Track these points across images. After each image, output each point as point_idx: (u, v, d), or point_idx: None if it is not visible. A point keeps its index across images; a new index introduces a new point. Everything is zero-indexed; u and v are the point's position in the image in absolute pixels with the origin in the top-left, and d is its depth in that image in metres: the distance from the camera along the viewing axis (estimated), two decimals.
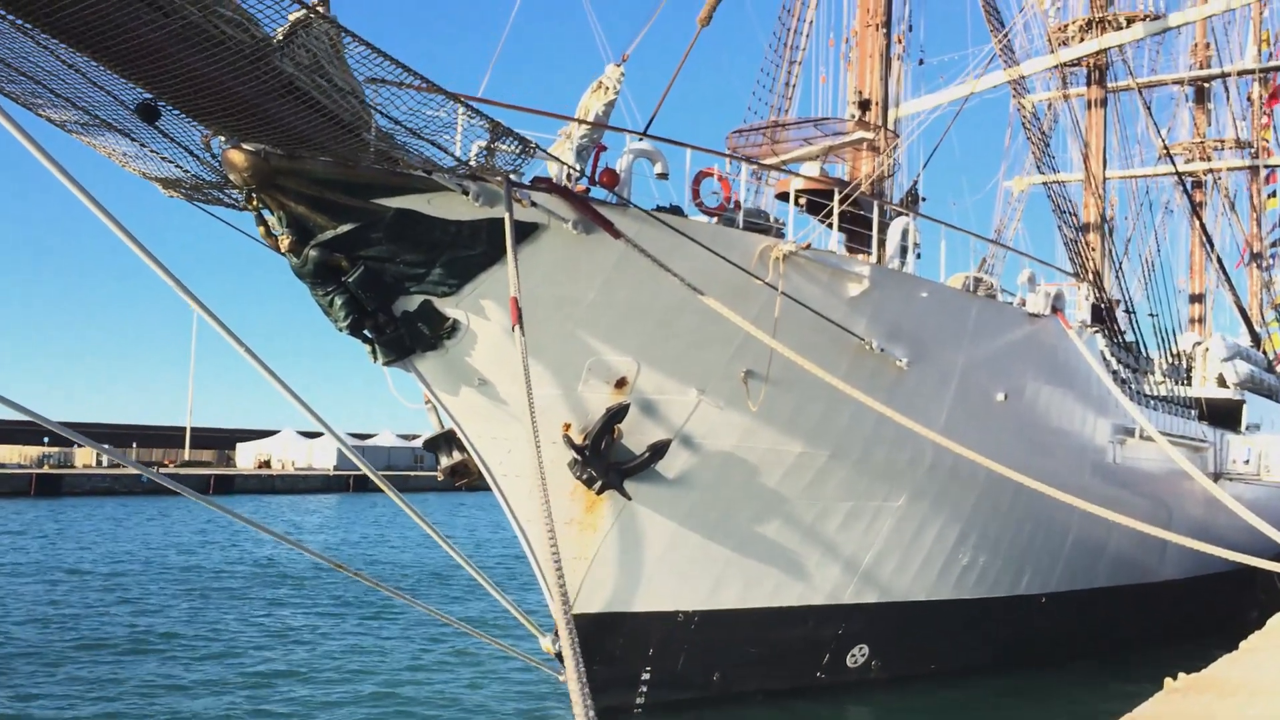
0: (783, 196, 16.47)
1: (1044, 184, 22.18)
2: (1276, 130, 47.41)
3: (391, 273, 10.69)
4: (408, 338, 11.19)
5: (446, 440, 12.83)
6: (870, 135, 17.68)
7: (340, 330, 10.73)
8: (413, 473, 78.03)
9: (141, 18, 7.53)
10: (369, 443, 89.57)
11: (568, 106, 12.74)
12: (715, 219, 12.48)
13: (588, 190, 11.59)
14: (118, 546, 35.23)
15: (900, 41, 20.94)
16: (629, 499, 12.76)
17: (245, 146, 9.45)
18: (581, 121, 12.18)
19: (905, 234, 14.20)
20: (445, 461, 13.06)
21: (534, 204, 10.60)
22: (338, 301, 10.51)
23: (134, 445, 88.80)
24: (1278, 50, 46.42)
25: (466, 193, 10.25)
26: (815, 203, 15.12)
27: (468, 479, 13.13)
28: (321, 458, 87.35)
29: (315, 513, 57.17)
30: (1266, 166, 45.52)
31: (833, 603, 14.94)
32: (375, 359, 11.24)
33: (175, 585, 26.30)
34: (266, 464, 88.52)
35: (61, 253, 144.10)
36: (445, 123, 9.13)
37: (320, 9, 9.81)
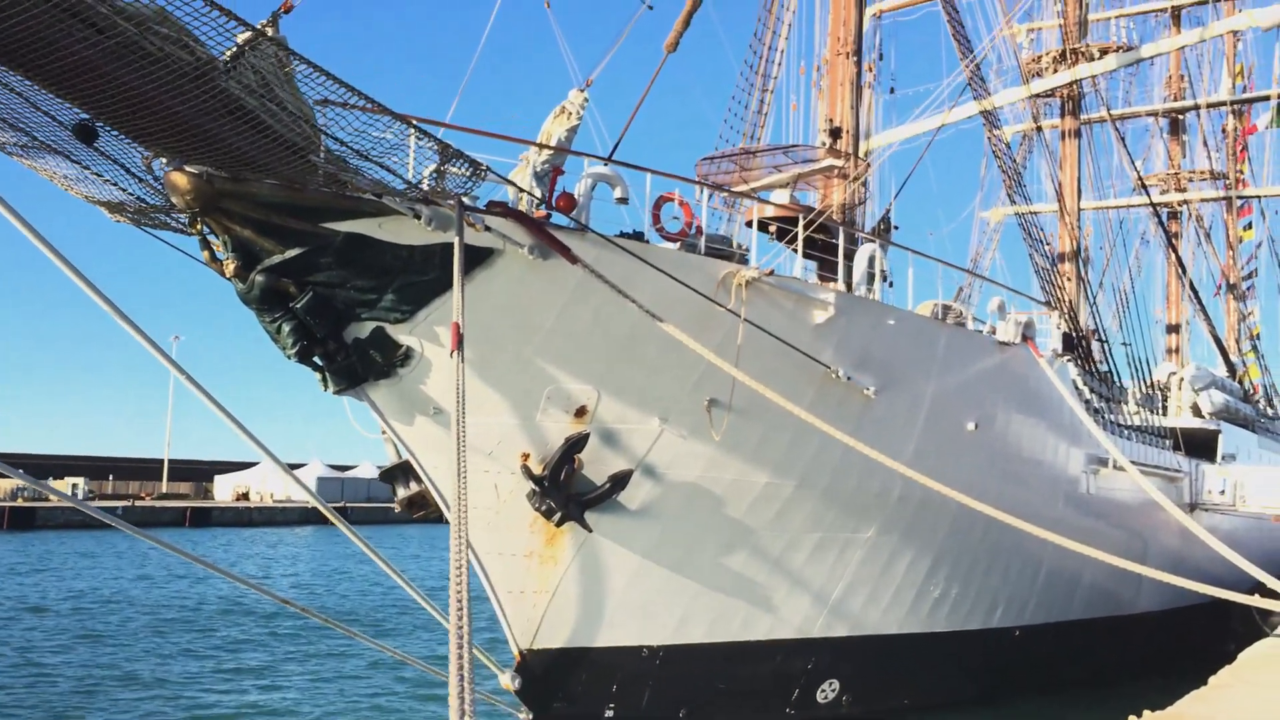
0: (751, 224, 16.30)
1: (1016, 214, 22.09)
2: (1252, 162, 47.77)
3: (342, 299, 10.43)
4: (359, 366, 10.92)
5: (403, 471, 12.55)
6: (840, 163, 17.56)
7: (289, 358, 10.46)
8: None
9: (75, 34, 7.31)
10: (349, 474, 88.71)
11: (536, 132, 12.59)
12: (677, 244, 12.27)
13: (548, 216, 11.38)
14: (81, 582, 34.59)
15: (871, 70, 20.89)
16: (590, 531, 12.47)
17: (188, 168, 9.22)
18: (543, 146, 12.02)
19: (872, 260, 14.02)
20: (402, 493, 12.77)
21: (488, 228, 10.37)
22: (285, 328, 10.25)
23: (110, 477, 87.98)
24: (1252, 83, 46.88)
25: (419, 216, 10.02)
26: (786, 230, 14.94)
27: (426, 511, 12.83)
28: (300, 490, 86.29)
29: (290, 545, 56.48)
30: (1241, 198, 45.76)
31: (802, 636, 14.64)
32: (326, 388, 10.96)
33: (133, 621, 25.73)
34: (245, 496, 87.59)
35: (36, 285, 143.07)
36: (393, 144, 8.91)
37: (268, 29, 9.63)
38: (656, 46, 17.81)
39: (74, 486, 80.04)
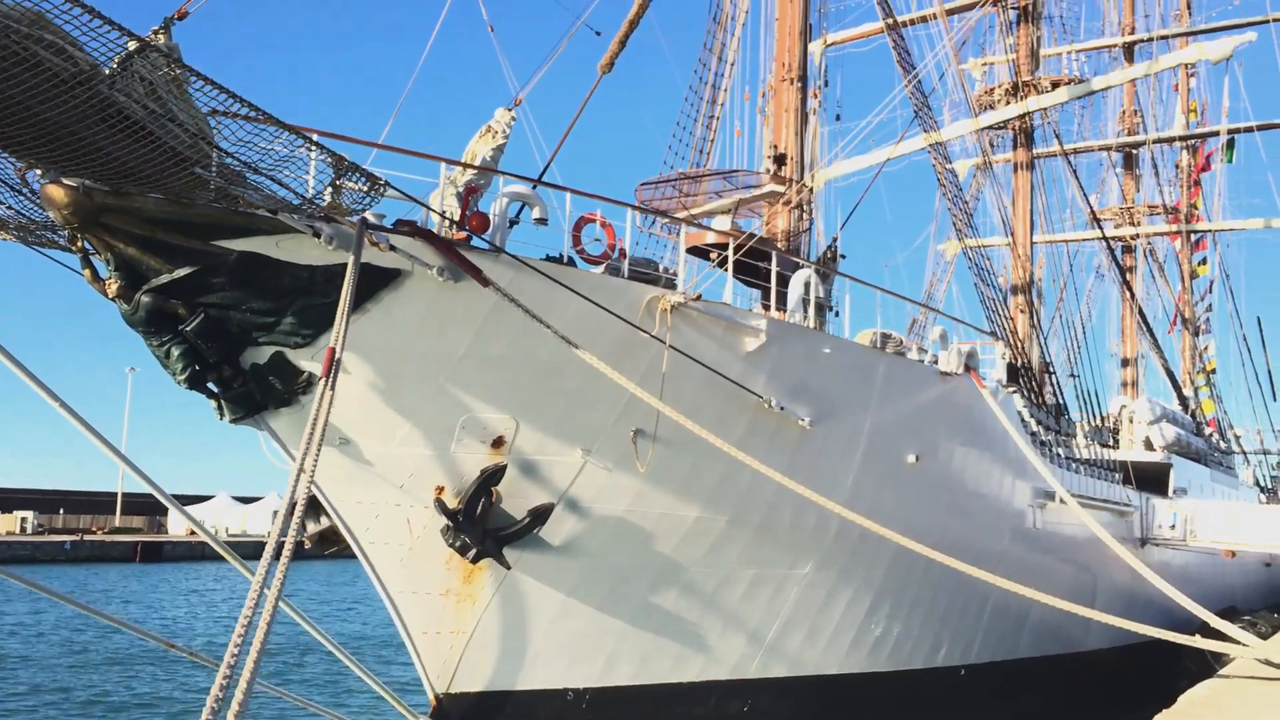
0: (693, 251, 15.88)
1: (964, 248, 21.84)
2: (1206, 198, 48.12)
3: (237, 321, 9.84)
4: (258, 393, 10.31)
5: (312, 505, 11.86)
6: (782, 189, 17.19)
7: (179, 384, 9.83)
8: None
9: None
10: (252, 506, 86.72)
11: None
12: (601, 268, 11.79)
13: (469, 238, 10.86)
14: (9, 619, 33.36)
15: (816, 97, 20.58)
16: (509, 568, 11.87)
17: (65, 181, 8.63)
18: (466, 165, 11.54)
19: (808, 287, 13.60)
20: (312, 528, 12.10)
21: (393, 248, 9.82)
22: (175, 352, 9.64)
23: (61, 511, 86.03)
24: (1205, 120, 47.29)
25: (318, 235, 9.47)
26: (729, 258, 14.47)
27: (338, 547, 12.19)
28: (256, 524, 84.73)
29: (234, 580, 55.12)
30: (1194, 233, 46.03)
31: (737, 677, 14.06)
32: (222, 416, 10.34)
33: (53, 660, 24.71)
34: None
35: None
36: (283, 156, 8.38)
37: (160, 36, 9.10)
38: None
39: (23, 520, 78.30)
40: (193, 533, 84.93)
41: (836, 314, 17.23)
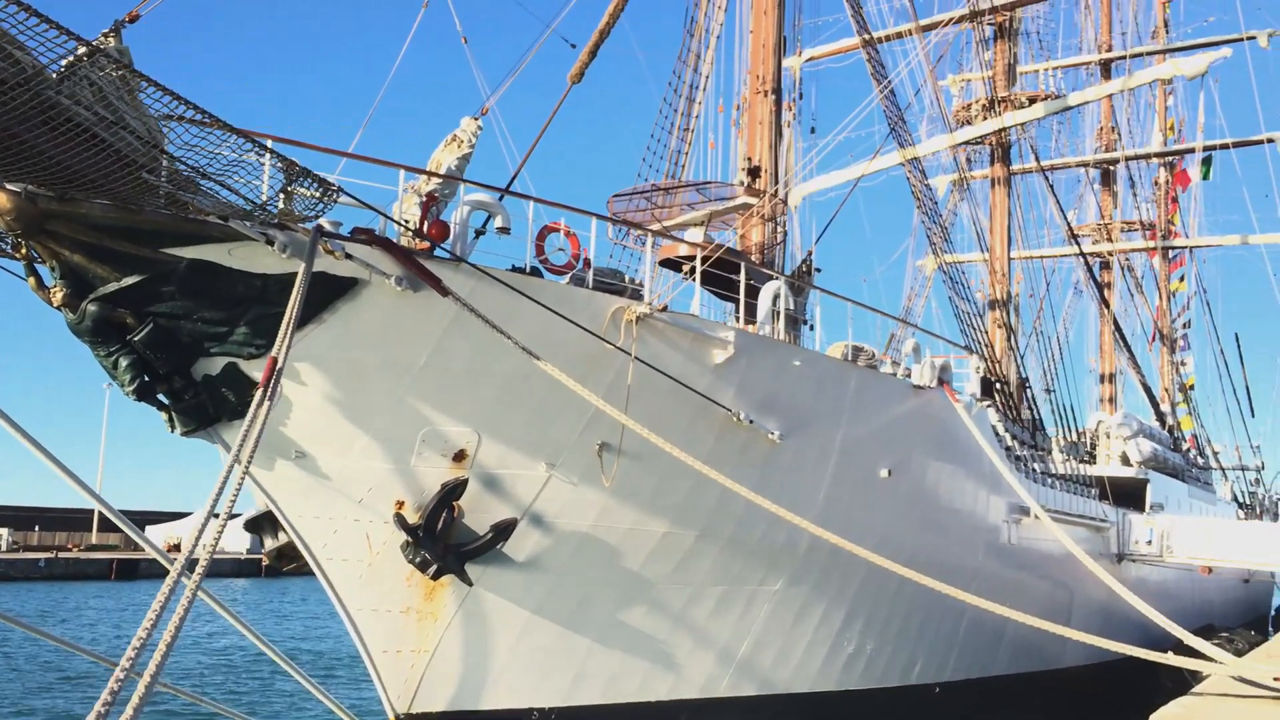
0: (667, 264, 15.71)
1: (940, 264, 21.75)
2: (1183, 214, 48.28)
3: (188, 331, 9.59)
4: (210, 405, 10.05)
5: (270, 520, 11.62)
6: (754, 200, 17.05)
7: (127, 395, 9.57)
8: None
9: None
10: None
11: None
12: (566, 278, 11.60)
13: (431, 248, 10.65)
14: None
15: (791, 109, 20.47)
16: (470, 584, 11.62)
17: (8, 186, 8.39)
18: (430, 174, 11.35)
19: (777, 298, 13.43)
20: (270, 544, 11.86)
21: (349, 256, 9.61)
22: (123, 363, 9.38)
23: (36, 528, 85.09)
24: (1182, 138, 47.52)
25: (272, 243, 9.25)
26: (702, 272, 14.28)
27: (298, 563, 11.90)
28: (235, 541, 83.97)
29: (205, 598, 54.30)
30: (1172, 249, 46.18)
31: (707, 696, 13.81)
32: (173, 429, 10.07)
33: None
34: (176, 547, 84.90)
35: None
36: (231, 161, 8.17)
37: (110, 39, 8.89)
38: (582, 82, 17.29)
39: None
40: (173, 548, 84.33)
41: (811, 327, 17.10)
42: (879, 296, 49.04)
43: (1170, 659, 12.59)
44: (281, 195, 8.63)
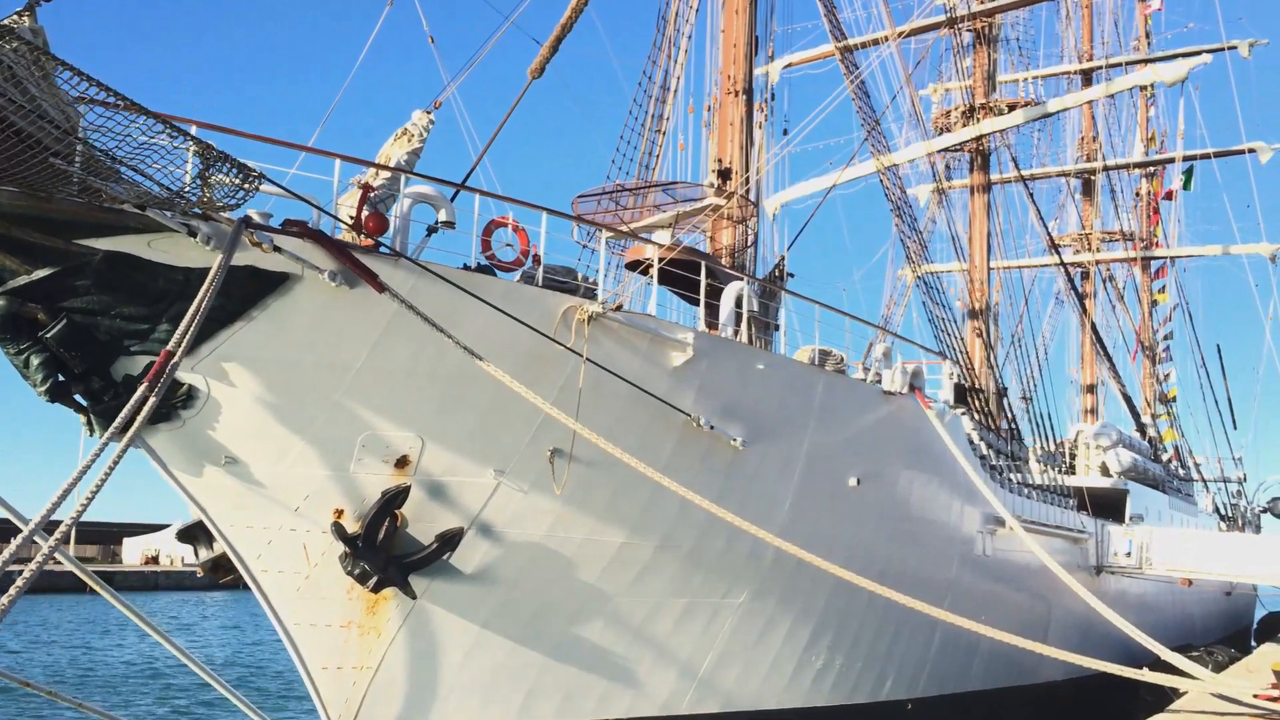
0: (632, 266, 15.21)
1: (916, 274, 21.32)
2: (1164, 224, 48.07)
3: (106, 328, 9.03)
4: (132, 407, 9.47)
5: (205, 530, 11.03)
6: (721, 201, 16.57)
7: (40, 396, 9.00)
8: None
9: None
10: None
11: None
12: (517, 275, 11.08)
13: (377, 245, 10.12)
14: None
15: (763, 110, 20.01)
16: (414, 597, 11.05)
17: None
18: (367, 164, 10.85)
19: (739, 300, 12.94)
20: (204, 555, 11.27)
21: (278, 249, 9.06)
22: (34, 361, 8.81)
23: (11, 540, 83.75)
24: (1164, 150, 47.29)
25: (194, 234, 8.71)
26: (670, 275, 13.77)
27: (234, 575, 11.32)
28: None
29: (183, 610, 53.62)
30: (1153, 259, 45.95)
31: (669, 714, 13.26)
32: (91, 432, 9.49)
33: None
34: (154, 560, 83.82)
35: None
36: (142, 144, 7.64)
37: (25, 19, 8.37)
38: (551, 81, 16.83)
39: None
40: (150, 561, 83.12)
41: (779, 330, 16.60)
42: (859, 306, 48.67)
43: (1146, 675, 12.12)
44: (200, 182, 8.10)
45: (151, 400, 7.20)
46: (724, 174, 18.66)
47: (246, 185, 8.12)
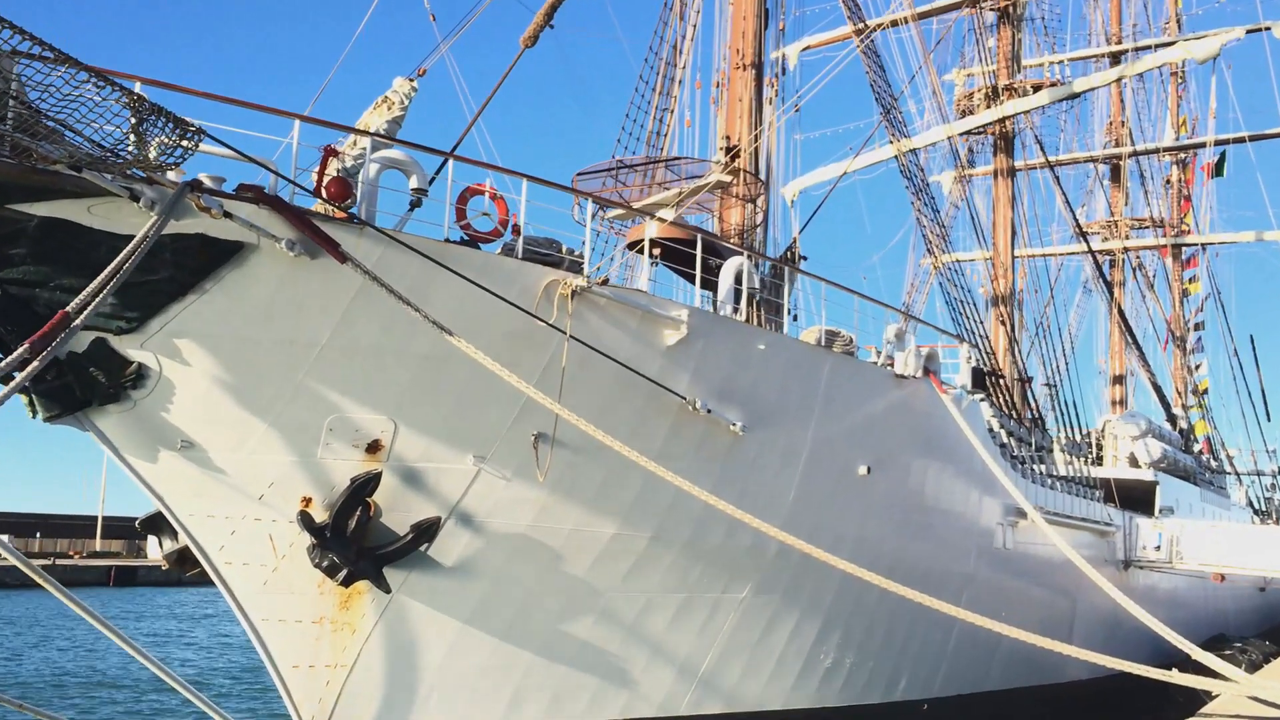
0: (634, 247, 14.50)
1: (934, 259, 20.48)
2: (1196, 211, 46.79)
3: (45, 301, 8.39)
4: (78, 387, 8.86)
5: (167, 521, 10.39)
6: (727, 178, 15.81)
7: None
8: None
9: None
10: None
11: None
12: (497, 247, 10.38)
13: (351, 217, 9.44)
14: None
15: (773, 86, 19.21)
16: (388, 591, 10.39)
17: None
18: (358, 132, 10.21)
19: (739, 276, 12.18)
20: (169, 546, 10.64)
21: (228, 215, 8.39)
22: None
23: (38, 535, 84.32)
24: (1195, 135, 45.98)
25: (137, 198, 8.05)
26: (675, 253, 13.00)
27: (200, 568, 10.68)
28: None
29: (201, 606, 53.27)
30: (1184, 246, 44.72)
31: (666, 715, 12.55)
32: (34, 414, 8.87)
33: None
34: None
35: None
36: (65, 95, 6.99)
37: None
38: (552, 55, 16.20)
39: None
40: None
41: (795, 317, 15.86)
42: (880, 292, 47.81)
43: (1175, 677, 11.29)
44: (134, 138, 7.43)
45: (34, 364, 6.51)
46: (732, 152, 17.91)
47: (185, 142, 7.45)
